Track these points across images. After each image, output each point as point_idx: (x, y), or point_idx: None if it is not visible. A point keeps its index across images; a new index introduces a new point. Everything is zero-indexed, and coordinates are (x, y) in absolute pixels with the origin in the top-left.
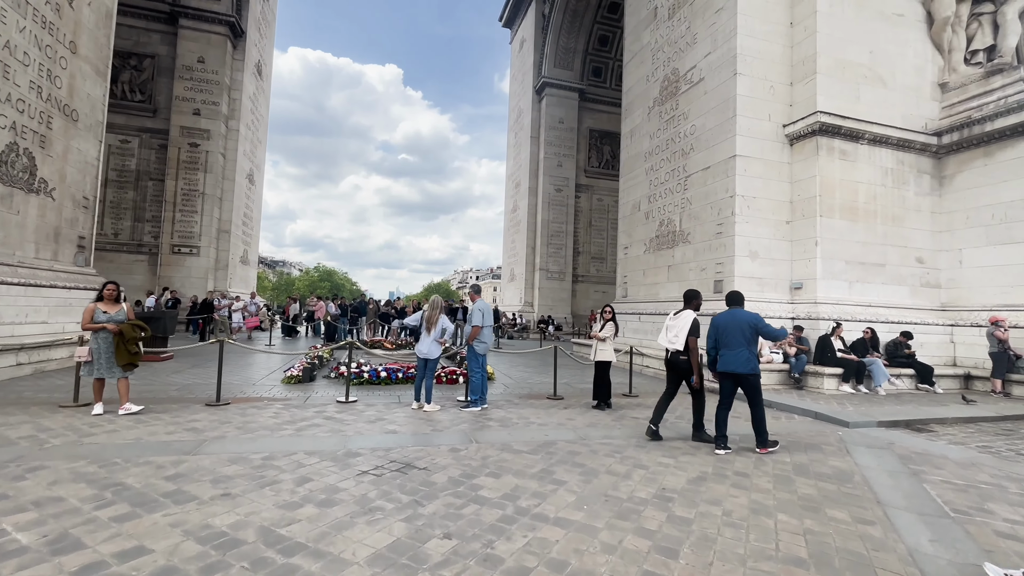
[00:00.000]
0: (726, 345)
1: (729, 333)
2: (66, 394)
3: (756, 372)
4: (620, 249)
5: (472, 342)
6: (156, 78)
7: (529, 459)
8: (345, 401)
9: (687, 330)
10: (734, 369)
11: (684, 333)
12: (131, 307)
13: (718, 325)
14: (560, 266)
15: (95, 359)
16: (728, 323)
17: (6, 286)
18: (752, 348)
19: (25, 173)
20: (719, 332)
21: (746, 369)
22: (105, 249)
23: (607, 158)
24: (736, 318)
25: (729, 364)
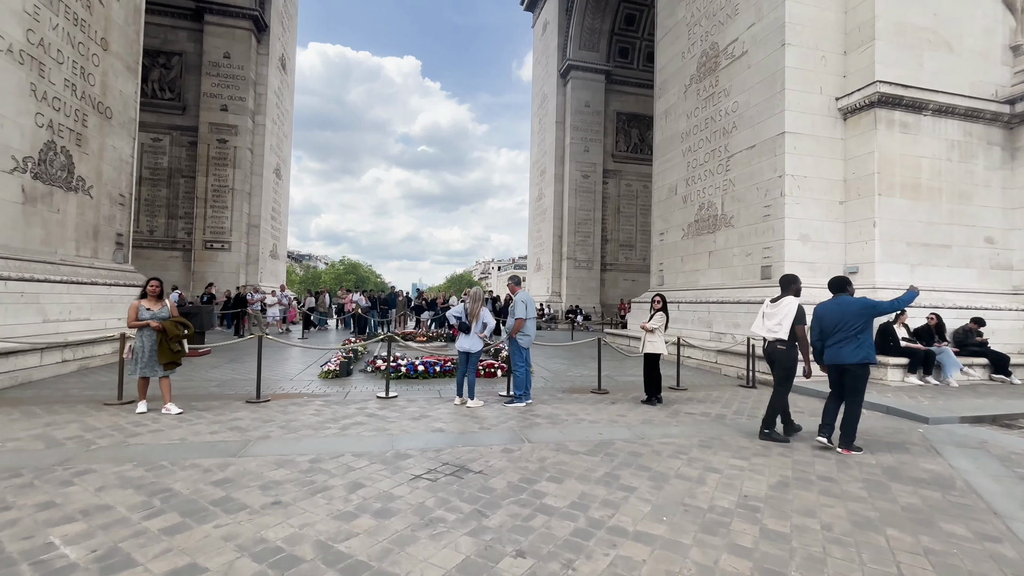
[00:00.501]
0: (833, 335)
1: (837, 322)
2: (110, 391)
3: (868, 360)
4: (655, 235)
5: (515, 335)
6: (184, 75)
7: (589, 461)
8: (386, 397)
9: (792, 317)
10: (842, 360)
11: (788, 321)
12: (174, 304)
13: (823, 315)
14: (588, 255)
15: (139, 357)
16: (835, 311)
17: (50, 284)
18: (865, 336)
19: (63, 171)
20: (824, 322)
21: (855, 359)
22: (142, 246)
23: (635, 142)
24: (844, 306)
25: (837, 355)
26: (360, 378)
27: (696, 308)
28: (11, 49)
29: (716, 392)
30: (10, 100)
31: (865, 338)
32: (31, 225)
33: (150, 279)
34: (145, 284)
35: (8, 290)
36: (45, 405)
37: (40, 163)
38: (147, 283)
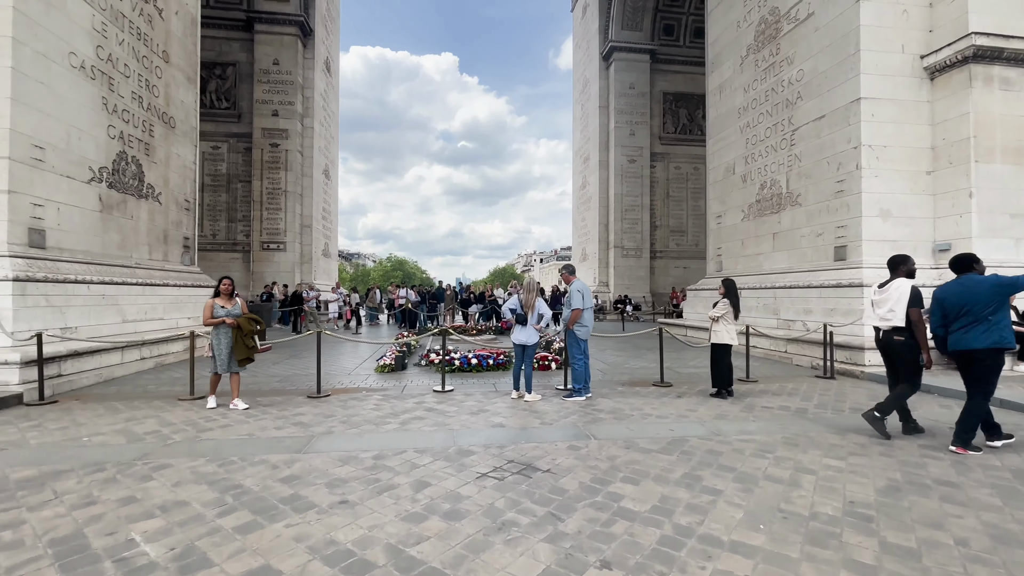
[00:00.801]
0: (958, 319)
1: (962, 305)
2: (183, 387)
3: (1001, 345)
4: (710, 219)
5: (572, 327)
6: (238, 84)
7: (664, 460)
8: (442, 391)
9: (906, 301)
10: (969, 345)
11: (902, 305)
12: (244, 302)
13: (944, 298)
14: (636, 242)
15: (216, 354)
16: (959, 293)
17: (127, 286)
18: (999, 317)
19: (135, 180)
20: (947, 306)
21: (984, 343)
22: (205, 249)
23: (684, 122)
24: (971, 286)
25: (962, 341)
26: (414, 372)
27: (760, 294)
28: (83, 66)
29: (791, 384)
30: (85, 114)
31: (999, 319)
32: (108, 231)
33: (222, 278)
34: (218, 283)
35: (91, 293)
36: (126, 401)
37: (114, 173)
38: (220, 282)
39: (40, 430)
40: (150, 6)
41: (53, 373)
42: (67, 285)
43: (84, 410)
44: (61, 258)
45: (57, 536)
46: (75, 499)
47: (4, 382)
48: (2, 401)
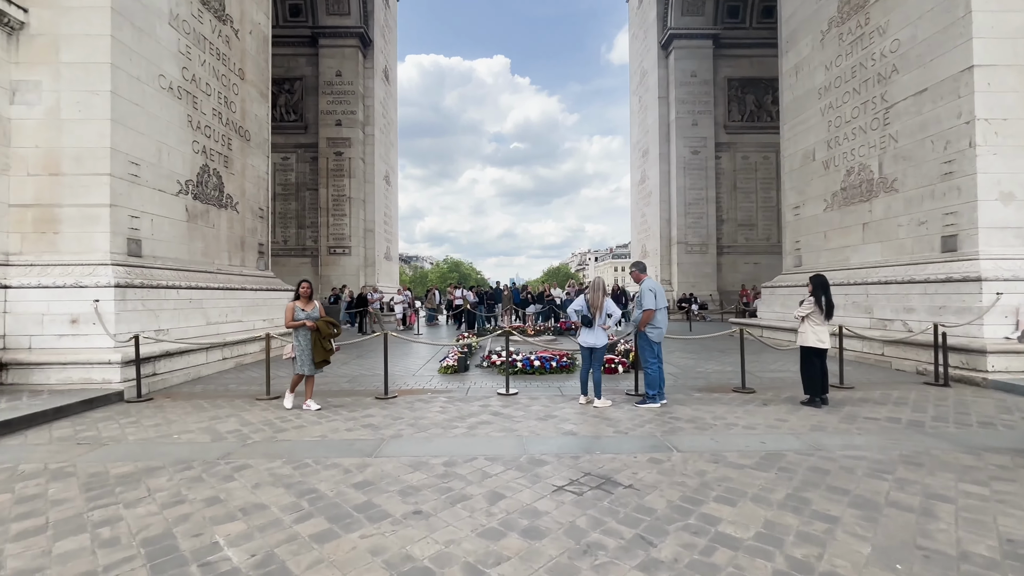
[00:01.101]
0: None
1: None
2: (259, 387)
3: None
4: (786, 210)
5: (644, 328)
6: (304, 97)
7: (760, 478)
8: (506, 394)
9: None
10: None
11: None
12: (322, 305)
13: None
14: (701, 237)
15: (299, 355)
16: None
17: (210, 290)
18: None
19: (216, 191)
20: None
21: None
22: (277, 255)
23: (752, 109)
24: None
25: None
26: (477, 373)
27: (848, 291)
28: (171, 86)
29: (896, 391)
30: (173, 131)
31: None
32: (194, 239)
33: (301, 281)
34: (297, 287)
35: (180, 297)
36: (210, 399)
37: (198, 185)
38: (299, 285)
39: (137, 427)
40: (227, 27)
41: (148, 372)
42: (160, 290)
43: (174, 407)
44: (154, 265)
45: (149, 536)
46: (165, 497)
47: (107, 380)
48: (106, 398)
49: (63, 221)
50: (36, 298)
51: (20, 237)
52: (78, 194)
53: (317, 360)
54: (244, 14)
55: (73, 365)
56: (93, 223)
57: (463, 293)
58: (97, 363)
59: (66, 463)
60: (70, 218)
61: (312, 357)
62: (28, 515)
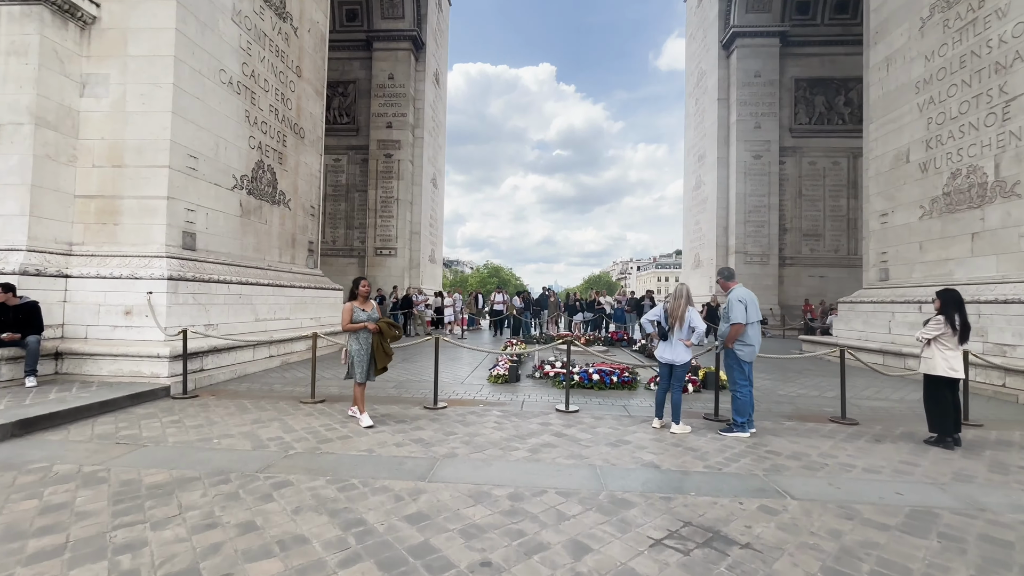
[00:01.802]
0: None
1: None
2: (304, 388)
3: None
4: (871, 218)
5: (731, 345)
6: (357, 100)
7: (920, 547)
8: (566, 410)
9: None
10: None
11: None
12: (379, 306)
13: None
14: (762, 247)
15: (357, 361)
16: None
17: (260, 287)
18: None
19: (269, 187)
20: None
21: None
22: (326, 254)
23: (821, 111)
24: None
25: None
26: (528, 385)
27: None
28: (231, 81)
29: None
30: (231, 126)
31: None
32: (246, 235)
33: (359, 279)
34: (354, 284)
35: (230, 292)
36: (254, 400)
37: (252, 180)
38: (357, 283)
39: (179, 427)
40: (287, 24)
41: (195, 368)
42: (211, 284)
43: (218, 407)
44: (207, 259)
45: (172, 571)
46: (197, 518)
47: (155, 374)
48: (152, 393)
49: (123, 213)
50: (94, 288)
51: (83, 228)
52: (138, 186)
53: (379, 366)
54: (303, 12)
55: (124, 357)
56: (151, 215)
57: (504, 298)
58: (147, 356)
59: (101, 466)
60: (130, 210)
61: (372, 363)
62: (50, 529)
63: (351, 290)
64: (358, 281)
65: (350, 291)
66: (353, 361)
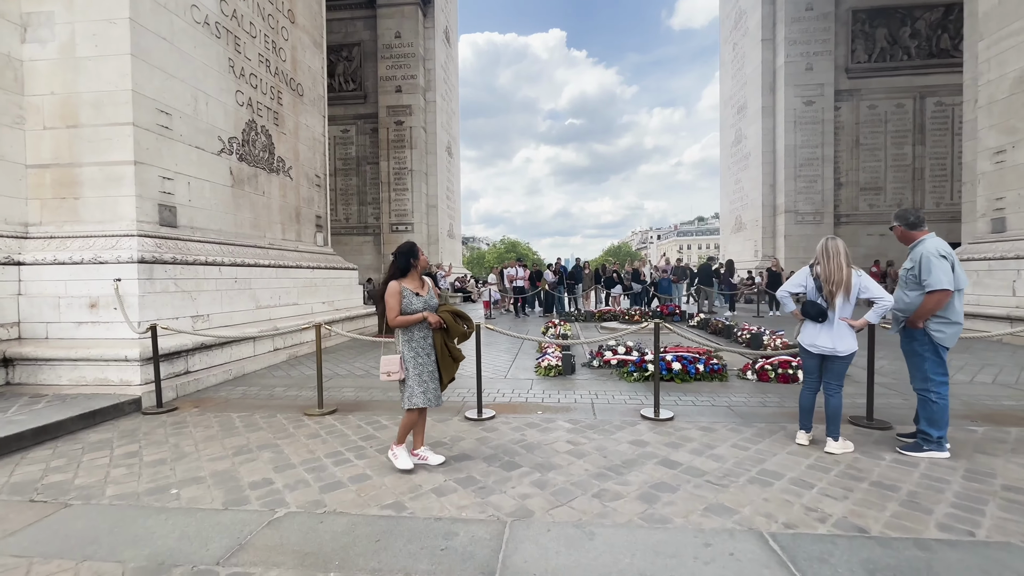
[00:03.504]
0: None
1: None
2: (311, 393)
3: None
4: (983, 158)
5: (923, 323)
6: (363, 64)
7: None
8: (656, 418)
9: None
10: None
11: None
12: (436, 288)
13: None
14: (815, 204)
15: (415, 374)
16: None
17: (260, 268)
18: None
19: (265, 152)
20: None
21: None
22: (339, 233)
23: (883, 46)
24: None
25: None
26: (587, 377)
27: None
28: (207, 21)
29: None
30: (212, 76)
31: None
32: (240, 208)
33: (409, 247)
34: (402, 256)
35: (223, 276)
36: (247, 412)
37: (244, 143)
38: (408, 254)
39: (131, 465)
40: None
41: (179, 370)
42: (198, 267)
43: (197, 426)
44: (193, 237)
45: None
46: None
47: (125, 382)
48: (116, 409)
49: (84, 184)
50: (53, 277)
51: (39, 204)
52: (99, 150)
53: (446, 379)
54: None
55: (87, 362)
56: (116, 185)
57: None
58: (113, 360)
59: None
60: (91, 179)
61: (438, 376)
62: None
63: (396, 264)
64: (409, 252)
65: (394, 266)
66: (408, 374)
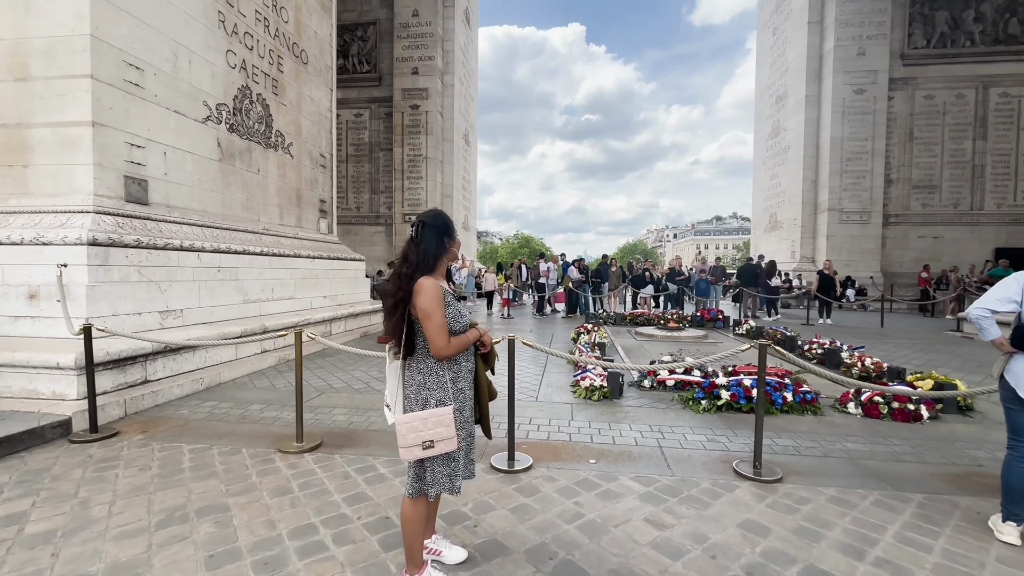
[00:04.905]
0: None
1: None
2: (291, 416)
3: None
4: None
5: None
6: (378, 45)
7: None
8: (758, 478)
9: None
10: None
11: None
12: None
13: None
14: (862, 203)
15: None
16: None
17: (250, 256)
18: None
19: (261, 124)
20: None
21: None
22: (350, 222)
23: (942, 31)
24: None
25: None
26: (638, 400)
27: None
28: None
29: None
30: (196, 30)
31: None
32: (230, 187)
33: (436, 218)
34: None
35: (203, 263)
36: (204, 443)
37: (236, 112)
38: (443, 227)
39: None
40: None
41: (135, 379)
42: (171, 253)
43: (130, 466)
44: (168, 217)
45: None
46: None
47: (58, 396)
48: (34, 434)
49: (34, 149)
50: None
51: None
52: (52, 107)
53: (484, 422)
54: None
55: (10, 369)
56: (70, 150)
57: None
58: (43, 367)
59: None
60: (42, 144)
61: (478, 418)
62: None
63: (425, 247)
64: (444, 227)
65: (419, 250)
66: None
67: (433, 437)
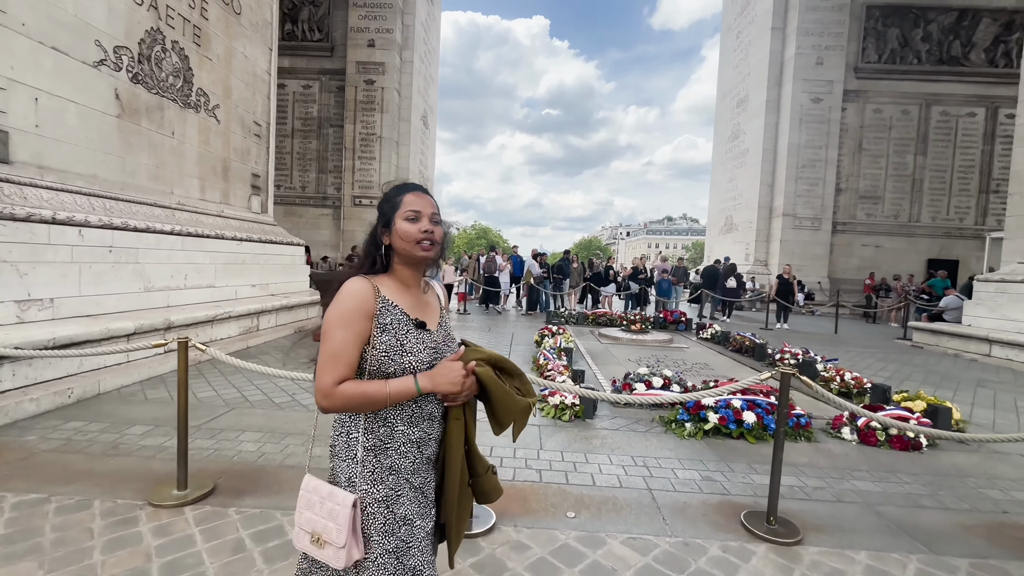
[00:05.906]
0: None
1: None
2: (193, 436)
3: None
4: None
5: None
6: (332, 11)
7: None
8: (774, 538)
9: None
10: None
11: None
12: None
13: None
14: (814, 210)
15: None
16: None
17: (155, 235)
18: None
19: (178, 79)
20: None
21: None
22: (294, 203)
23: (893, 47)
24: None
25: None
26: (613, 422)
27: None
28: None
29: None
30: None
31: None
32: (133, 150)
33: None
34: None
35: (86, 242)
36: (45, 488)
37: (142, 60)
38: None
39: None
40: None
41: None
42: (35, 226)
43: None
44: (38, 181)
45: None
46: None
47: None
48: None
49: None
50: None
51: None
52: None
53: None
54: None
55: None
56: None
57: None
58: None
59: None
60: None
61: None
62: None
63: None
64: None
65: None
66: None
67: (322, 533)
